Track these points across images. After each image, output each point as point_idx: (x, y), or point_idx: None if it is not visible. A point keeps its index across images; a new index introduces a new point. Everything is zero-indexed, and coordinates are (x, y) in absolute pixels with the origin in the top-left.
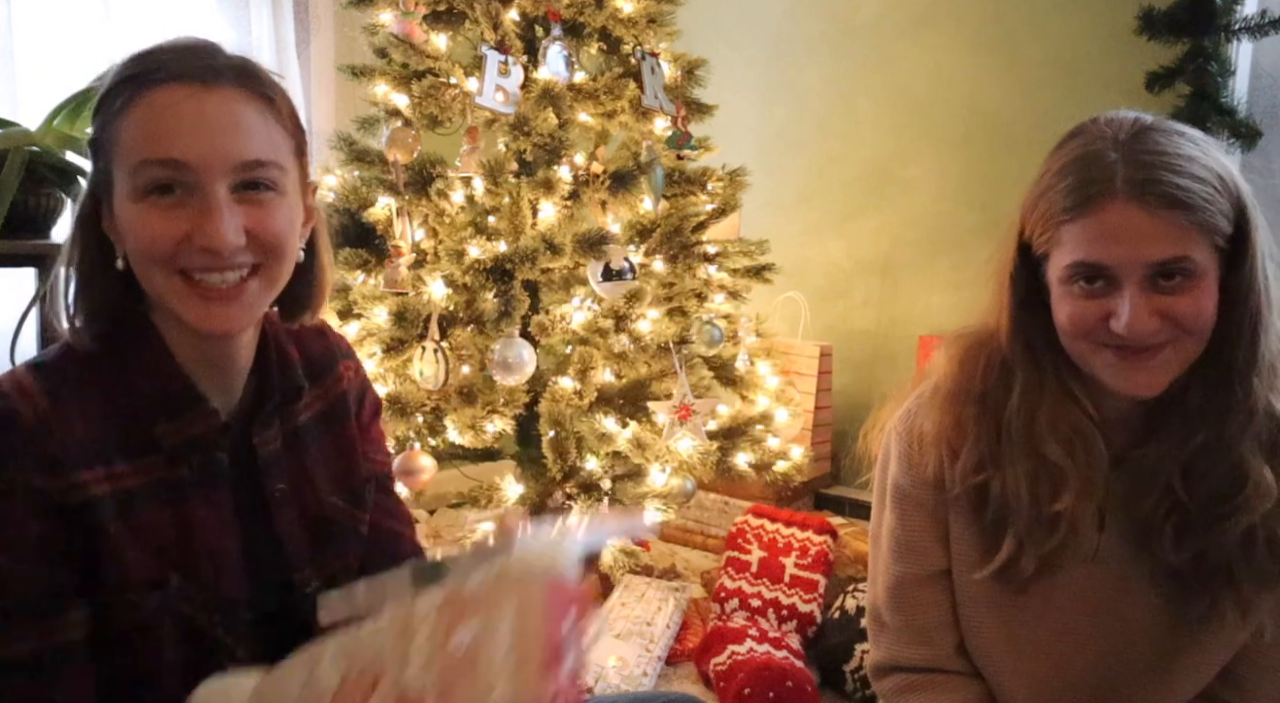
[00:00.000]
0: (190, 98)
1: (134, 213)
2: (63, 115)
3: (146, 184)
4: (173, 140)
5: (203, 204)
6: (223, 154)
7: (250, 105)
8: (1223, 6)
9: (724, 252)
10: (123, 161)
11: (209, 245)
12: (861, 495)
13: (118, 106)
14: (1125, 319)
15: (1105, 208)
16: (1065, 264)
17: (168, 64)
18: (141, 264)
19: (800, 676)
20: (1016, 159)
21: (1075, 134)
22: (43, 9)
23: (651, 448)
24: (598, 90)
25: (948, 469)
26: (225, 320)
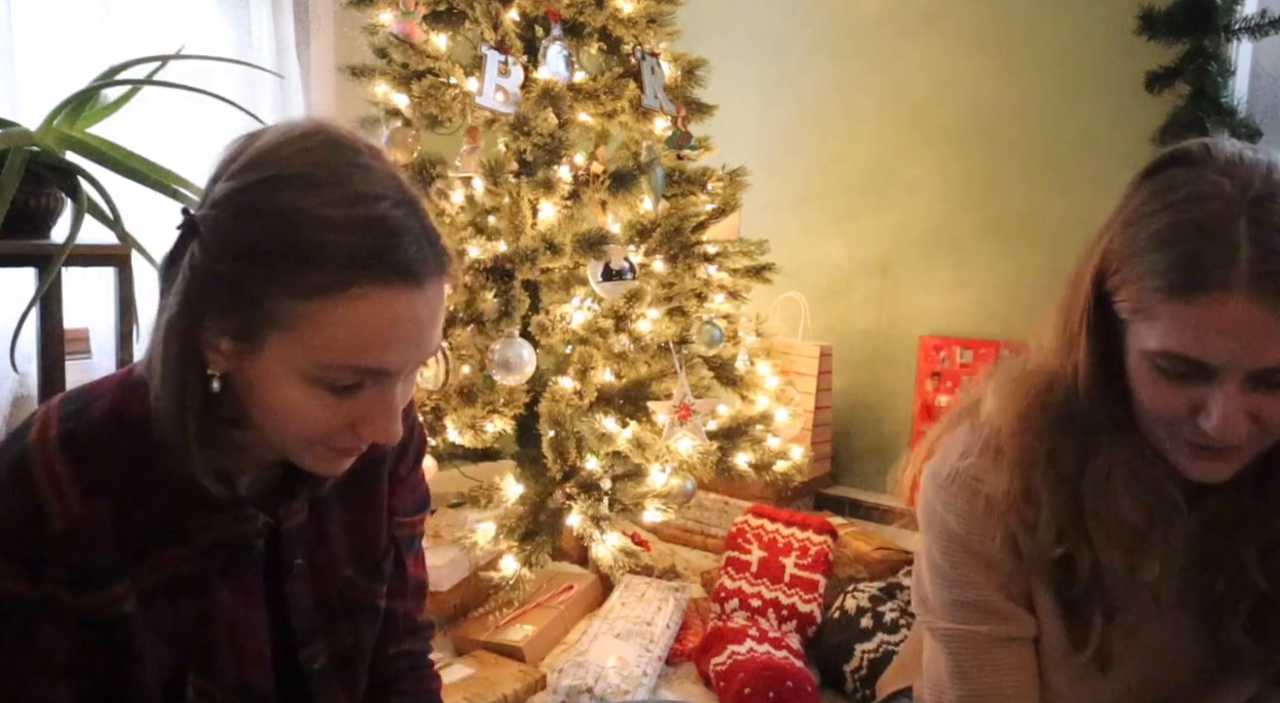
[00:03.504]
0: (407, 306)
1: (299, 393)
2: (63, 115)
3: (334, 381)
4: (384, 353)
5: (383, 399)
6: (422, 356)
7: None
8: (1223, 6)
9: (724, 252)
10: (311, 346)
11: (378, 441)
12: (862, 495)
13: (317, 283)
14: (1216, 421)
15: (1217, 301)
16: (1155, 348)
17: (386, 253)
18: (274, 427)
19: (800, 676)
20: (1016, 159)
21: (1180, 169)
22: (43, 9)
23: (651, 448)
24: (598, 90)
25: (1022, 538)
26: (342, 466)
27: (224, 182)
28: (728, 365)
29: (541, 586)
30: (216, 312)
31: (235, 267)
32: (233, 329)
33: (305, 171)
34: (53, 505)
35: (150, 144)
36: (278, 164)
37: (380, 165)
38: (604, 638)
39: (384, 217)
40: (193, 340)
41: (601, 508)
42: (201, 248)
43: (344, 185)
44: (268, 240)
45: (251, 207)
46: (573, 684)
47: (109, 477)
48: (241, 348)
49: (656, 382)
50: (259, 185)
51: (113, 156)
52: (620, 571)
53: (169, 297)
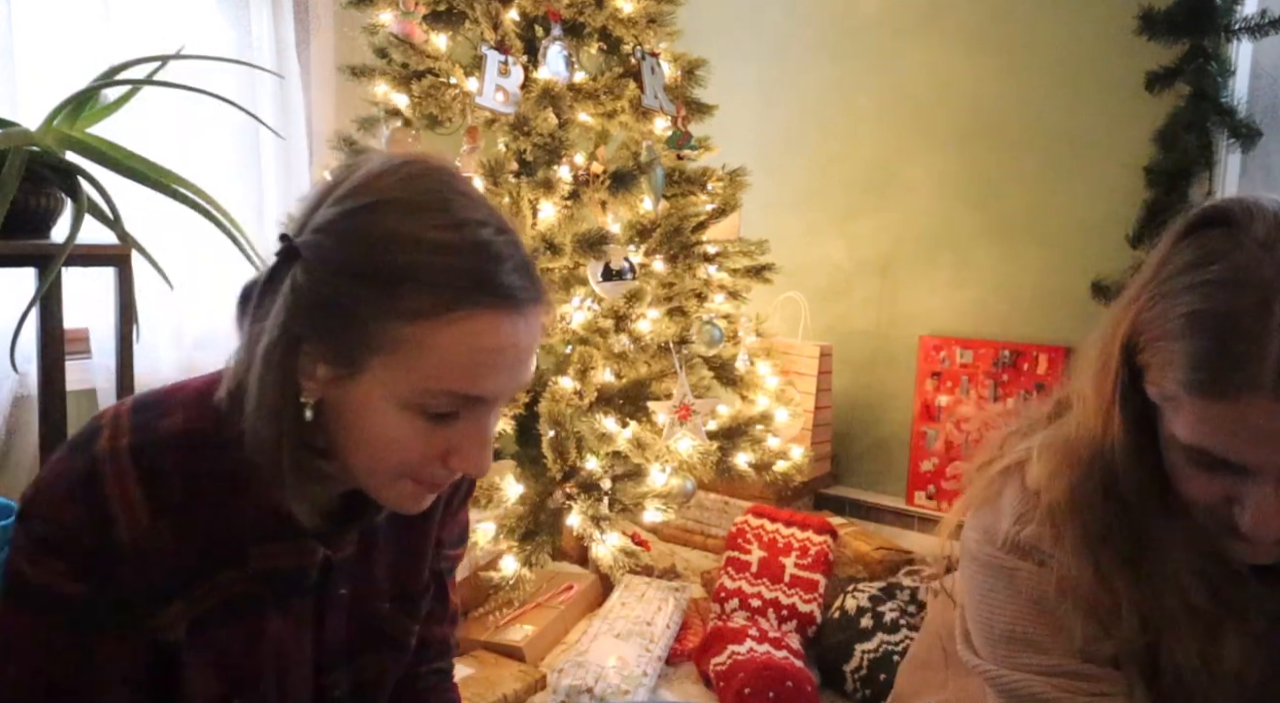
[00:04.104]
0: (509, 332)
1: (395, 420)
2: (63, 115)
3: (432, 408)
4: (485, 379)
5: (477, 429)
6: (519, 385)
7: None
8: (1223, 6)
9: (724, 252)
10: (413, 370)
11: (469, 472)
12: (862, 495)
13: (422, 305)
14: (1250, 520)
15: (1246, 402)
16: (1185, 440)
17: (489, 277)
18: (365, 457)
19: (800, 676)
20: (1016, 159)
21: (1219, 253)
22: (43, 9)
23: (651, 448)
24: (598, 90)
25: (1108, 624)
26: (423, 504)
27: (326, 208)
28: (728, 365)
29: (541, 586)
30: (316, 337)
31: (340, 289)
32: (332, 354)
33: (410, 197)
34: (120, 517)
35: (150, 144)
36: (382, 190)
37: (478, 195)
38: (604, 638)
39: (488, 242)
40: (290, 367)
41: (601, 508)
42: (304, 272)
43: (448, 211)
44: (374, 262)
45: (357, 230)
46: (573, 684)
47: (176, 495)
48: (339, 374)
49: (656, 382)
50: (364, 210)
51: (113, 156)
52: (620, 571)
53: (263, 322)
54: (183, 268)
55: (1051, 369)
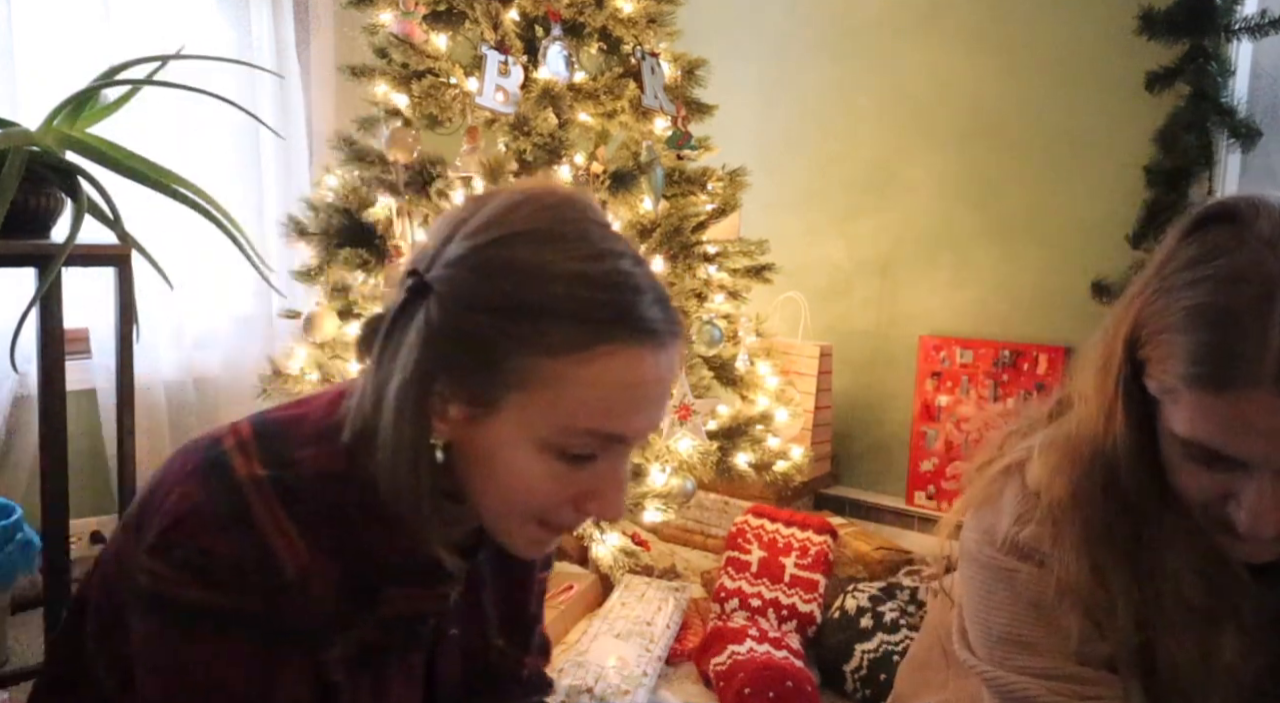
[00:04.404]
0: (652, 367)
1: (531, 461)
2: (63, 115)
3: (571, 448)
4: (628, 418)
5: (614, 471)
6: (656, 424)
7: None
8: (1223, 6)
9: (724, 252)
10: (554, 408)
11: (604, 517)
12: (862, 495)
13: (566, 339)
14: (1247, 518)
15: (1244, 397)
16: (1182, 434)
17: (632, 310)
18: (497, 498)
19: (800, 676)
20: (1016, 159)
21: (1222, 249)
22: (43, 9)
23: (651, 448)
24: (598, 90)
25: (1106, 625)
26: (548, 549)
27: (458, 242)
28: (728, 365)
29: None
30: (451, 375)
31: (478, 324)
32: (467, 393)
33: (547, 227)
34: (282, 550)
35: (150, 144)
36: (518, 222)
37: (609, 224)
38: (604, 638)
39: (629, 273)
40: (424, 409)
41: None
42: (439, 308)
43: (587, 241)
44: (513, 296)
45: (495, 263)
46: (573, 684)
47: (328, 534)
48: (474, 413)
49: None
50: (501, 242)
51: (113, 156)
52: (620, 571)
53: (390, 360)
54: (183, 268)
55: (1051, 369)
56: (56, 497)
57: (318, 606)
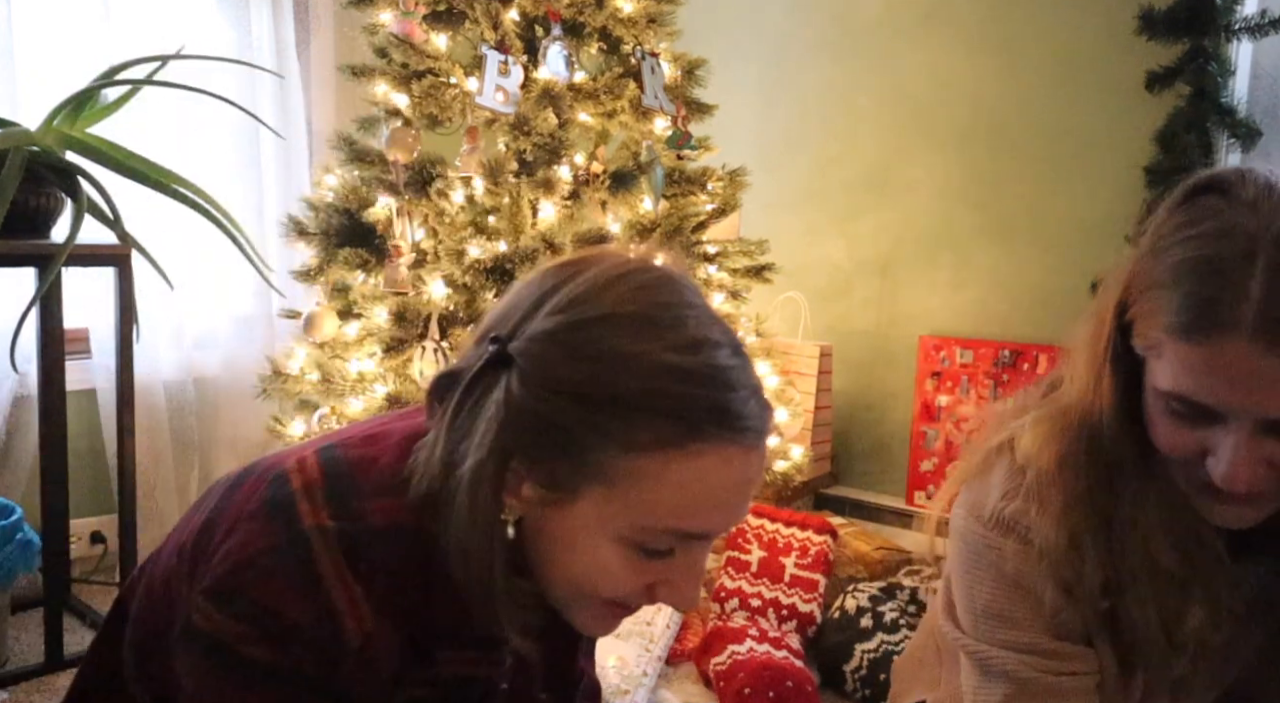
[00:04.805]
0: (742, 468)
1: (606, 553)
2: (63, 115)
3: (650, 545)
4: (712, 517)
5: (693, 564)
6: (740, 520)
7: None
8: (1223, 6)
9: (724, 252)
10: (636, 506)
11: (677, 607)
12: (862, 495)
13: (656, 436)
14: (1225, 470)
15: (1225, 345)
16: (1164, 388)
17: (728, 407)
18: (568, 582)
19: (800, 676)
20: (1016, 159)
21: (1207, 198)
22: (43, 9)
23: None
24: (598, 90)
25: (1075, 585)
26: (615, 628)
27: (547, 316)
28: None
29: None
30: (529, 456)
31: (563, 410)
32: (544, 477)
33: (643, 312)
34: (348, 617)
35: (150, 144)
36: (612, 302)
37: (710, 307)
38: (604, 638)
39: (726, 367)
40: (499, 486)
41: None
42: (521, 384)
43: (684, 329)
44: (604, 385)
45: (585, 346)
46: None
47: (393, 598)
48: (550, 497)
49: None
50: (594, 323)
51: (113, 156)
52: None
53: (466, 428)
54: (183, 268)
55: (1051, 369)
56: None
57: (377, 671)
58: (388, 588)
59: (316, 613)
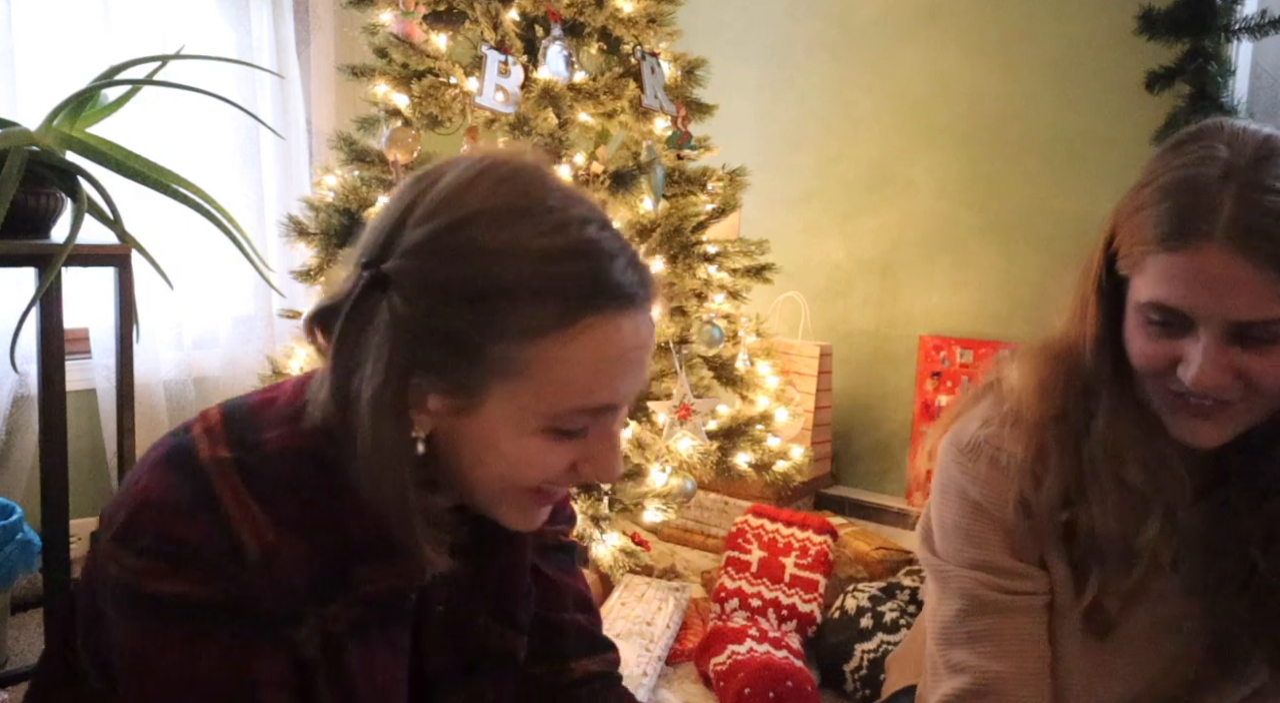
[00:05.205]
0: (633, 333)
1: (525, 443)
2: (63, 115)
3: (565, 426)
4: (615, 386)
5: (609, 434)
6: (643, 385)
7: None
8: (1223, 6)
9: (724, 251)
10: (543, 391)
11: (601, 479)
12: (862, 495)
13: (547, 319)
14: (1194, 372)
15: (1199, 250)
16: (1143, 299)
17: (607, 278)
18: (490, 479)
19: (800, 676)
20: (1016, 159)
21: (1191, 140)
22: (43, 9)
23: (651, 448)
24: (598, 90)
25: (1033, 500)
26: (543, 518)
27: (412, 228)
28: (728, 365)
29: None
30: (427, 369)
31: (454, 315)
32: (446, 386)
33: (508, 204)
34: (245, 532)
35: (150, 144)
36: (473, 201)
37: (572, 187)
38: None
39: (597, 240)
40: (403, 407)
41: (601, 508)
42: (404, 301)
43: (550, 213)
44: (484, 281)
45: (459, 247)
46: None
47: (290, 510)
48: (456, 404)
49: (656, 382)
50: (462, 225)
51: (113, 157)
52: (620, 571)
53: (353, 356)
54: (183, 268)
55: None
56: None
57: (286, 584)
58: (289, 505)
59: (214, 533)
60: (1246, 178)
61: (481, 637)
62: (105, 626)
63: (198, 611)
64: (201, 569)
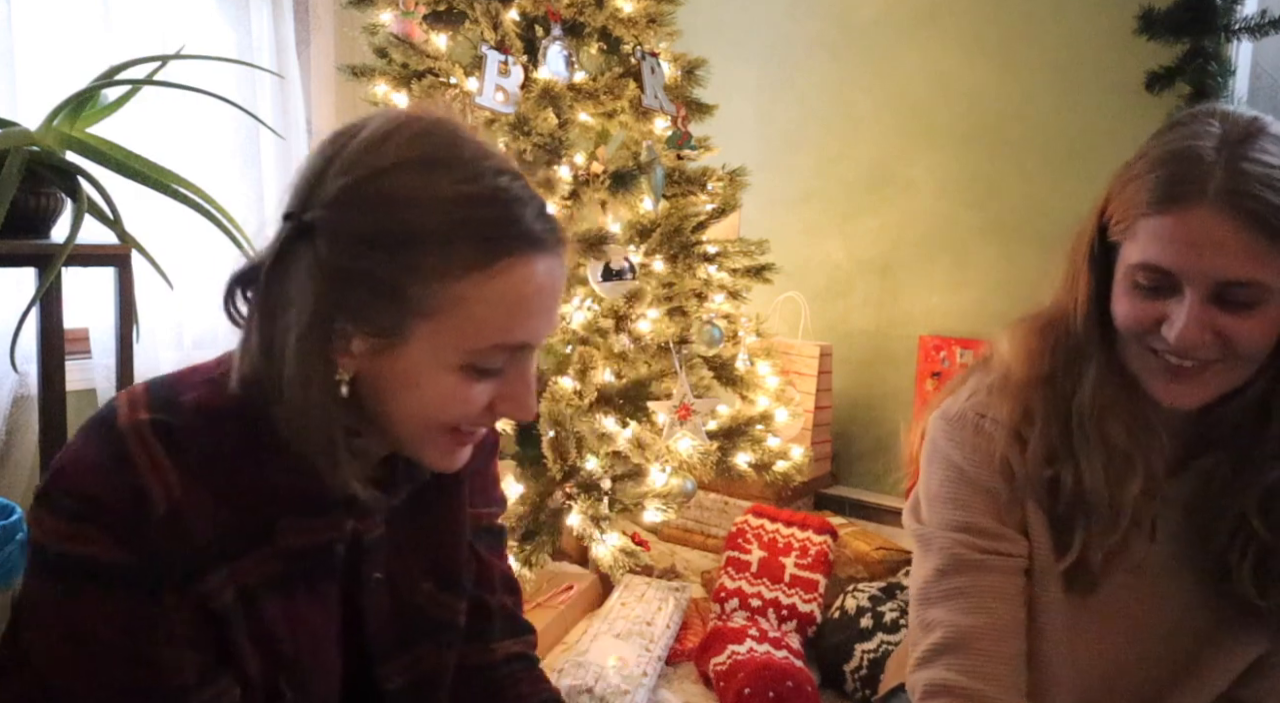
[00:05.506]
0: (546, 273)
1: (445, 381)
2: (63, 115)
3: (483, 364)
4: (530, 325)
5: (523, 373)
6: (554, 327)
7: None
8: (1223, 6)
9: (724, 251)
10: (462, 329)
11: (517, 416)
12: (862, 495)
13: (464, 260)
14: (1178, 329)
15: (1189, 212)
16: (1133, 261)
17: (519, 222)
18: (412, 419)
19: (800, 676)
20: (1016, 159)
21: (1185, 122)
22: (43, 9)
23: (651, 448)
24: (598, 90)
25: (1016, 462)
26: (464, 458)
27: (334, 179)
28: (728, 365)
29: (541, 586)
30: (350, 313)
31: (375, 259)
32: (370, 327)
33: (421, 154)
34: (154, 489)
35: (150, 144)
36: (391, 152)
37: (485, 141)
38: (604, 638)
39: (509, 188)
40: (327, 350)
41: (601, 508)
42: (328, 248)
43: (464, 164)
44: (403, 226)
45: (377, 196)
46: (573, 684)
47: (205, 468)
48: (381, 345)
49: (656, 382)
50: (381, 174)
51: (113, 157)
52: (620, 571)
53: (278, 306)
54: (183, 268)
55: None
56: None
57: (192, 537)
58: (204, 461)
59: (122, 487)
60: (1237, 150)
61: (423, 604)
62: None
63: (100, 571)
64: (106, 527)
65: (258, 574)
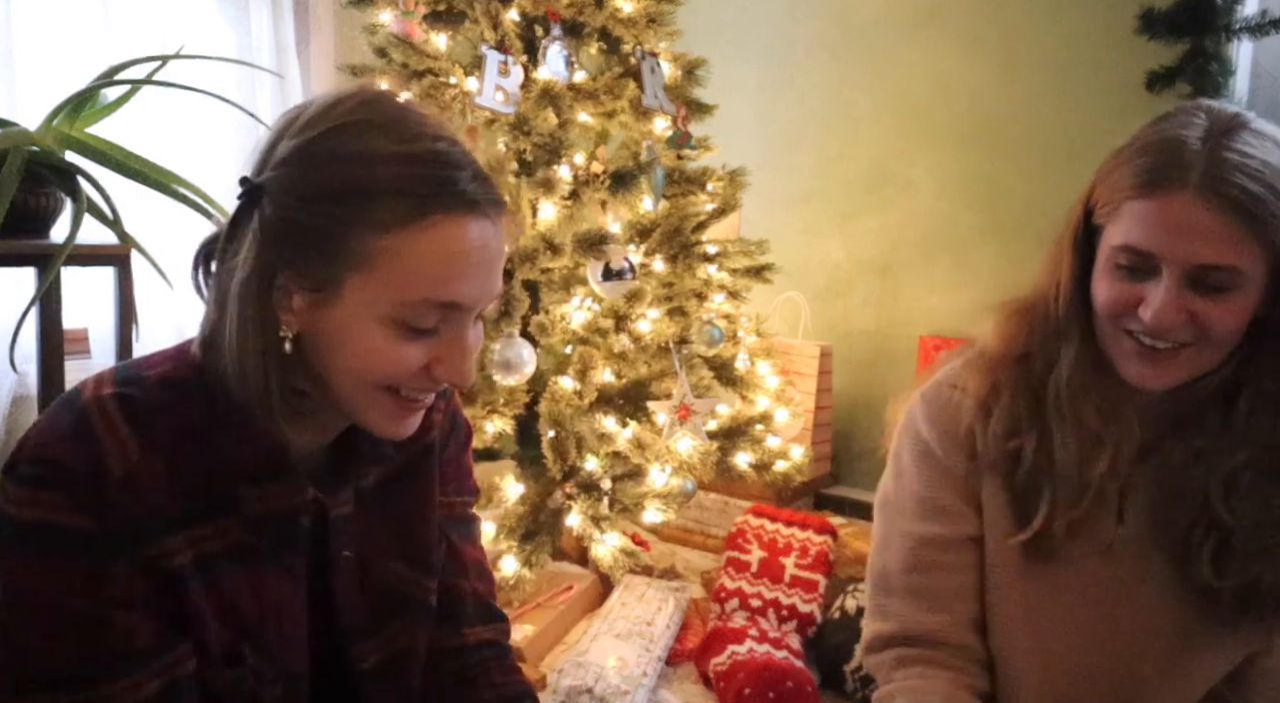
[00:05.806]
0: (479, 235)
1: (378, 335)
2: (63, 115)
3: (413, 320)
4: (461, 284)
5: (458, 337)
6: (493, 292)
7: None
8: (1223, 6)
9: (724, 251)
10: (391, 282)
11: (452, 381)
12: (862, 496)
13: (395, 215)
14: (1154, 309)
15: (1172, 197)
16: (1116, 243)
17: (453, 183)
18: (349, 376)
19: (800, 676)
20: (1016, 159)
21: (1174, 114)
22: (43, 9)
23: (651, 448)
24: (598, 90)
25: (979, 433)
26: (409, 425)
27: (285, 142)
28: (728, 365)
29: (541, 586)
30: (290, 264)
31: (310, 211)
32: (308, 280)
33: (366, 118)
34: (112, 455)
35: (150, 144)
36: (338, 116)
37: (421, 112)
38: (604, 638)
39: (446, 151)
40: (267, 301)
41: (601, 508)
42: (271, 204)
43: (404, 127)
44: (340, 180)
45: (321, 154)
46: (573, 684)
47: (164, 434)
48: (317, 299)
49: (656, 382)
50: (325, 136)
51: (113, 157)
52: (620, 571)
53: (233, 263)
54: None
55: None
56: None
57: (148, 503)
58: (163, 429)
59: (81, 453)
60: (1220, 141)
61: (394, 582)
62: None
63: (59, 536)
64: (67, 492)
65: (220, 543)
